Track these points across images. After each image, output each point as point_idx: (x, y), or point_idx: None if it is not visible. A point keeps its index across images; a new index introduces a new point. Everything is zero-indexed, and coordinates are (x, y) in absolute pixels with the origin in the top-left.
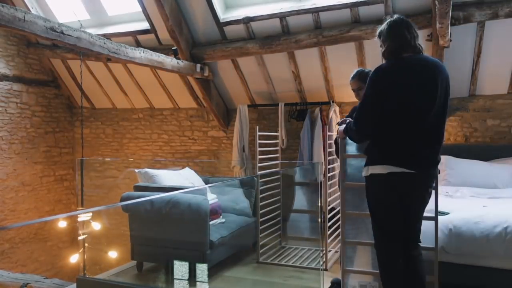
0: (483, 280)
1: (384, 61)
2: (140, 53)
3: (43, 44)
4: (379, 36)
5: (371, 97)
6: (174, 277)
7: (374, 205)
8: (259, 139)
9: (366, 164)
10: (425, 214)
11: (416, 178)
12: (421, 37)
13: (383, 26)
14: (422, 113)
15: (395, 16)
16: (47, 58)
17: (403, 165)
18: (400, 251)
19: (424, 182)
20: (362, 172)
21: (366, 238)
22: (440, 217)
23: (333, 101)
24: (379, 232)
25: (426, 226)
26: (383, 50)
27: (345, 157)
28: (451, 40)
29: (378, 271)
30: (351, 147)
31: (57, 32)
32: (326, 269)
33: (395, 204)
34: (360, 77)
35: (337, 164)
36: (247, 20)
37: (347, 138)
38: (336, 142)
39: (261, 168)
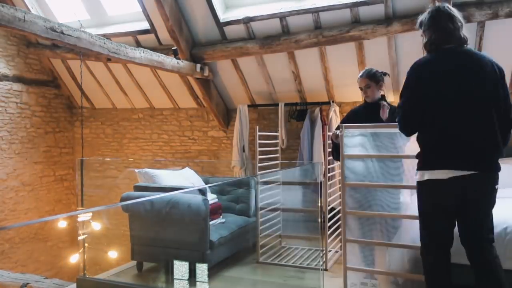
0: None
1: (425, 53)
2: (140, 53)
3: (43, 44)
4: (420, 25)
5: (407, 96)
6: (174, 277)
7: (428, 212)
8: (259, 139)
9: (420, 168)
10: None
11: (480, 178)
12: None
13: (424, 15)
14: (471, 108)
15: (438, 4)
16: (47, 58)
17: (464, 167)
18: (448, 259)
19: (488, 182)
20: (416, 176)
21: (380, 237)
22: None
23: (333, 101)
24: (431, 242)
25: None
26: (424, 41)
27: (345, 157)
28: None
29: (378, 269)
30: (351, 149)
31: (57, 32)
32: (326, 269)
33: (453, 210)
34: (368, 75)
35: (337, 164)
36: (247, 20)
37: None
38: (333, 143)
39: (261, 168)
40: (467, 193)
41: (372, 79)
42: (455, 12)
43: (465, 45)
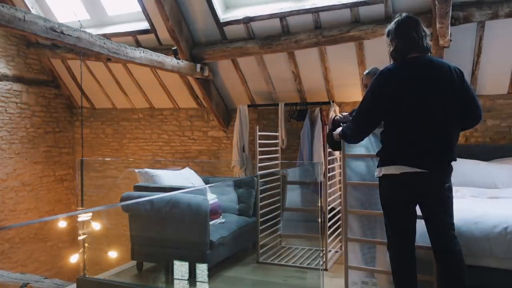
0: (483, 280)
1: (391, 61)
2: (140, 53)
3: (43, 44)
4: (388, 35)
5: (369, 100)
6: (174, 277)
7: (388, 205)
8: (259, 139)
9: (379, 165)
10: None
11: (429, 177)
12: None
13: (391, 25)
14: (428, 113)
15: (404, 14)
16: (47, 58)
17: (415, 165)
18: (413, 252)
19: (438, 180)
20: (375, 173)
21: (381, 237)
22: None
23: (333, 101)
24: (392, 232)
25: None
26: (390, 49)
27: (346, 156)
28: (451, 40)
29: (379, 269)
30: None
31: (57, 32)
32: (326, 269)
33: (409, 204)
34: (376, 73)
35: (337, 164)
36: (247, 20)
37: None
38: (332, 127)
39: (261, 168)
40: (418, 190)
41: None
42: (420, 22)
43: (429, 54)
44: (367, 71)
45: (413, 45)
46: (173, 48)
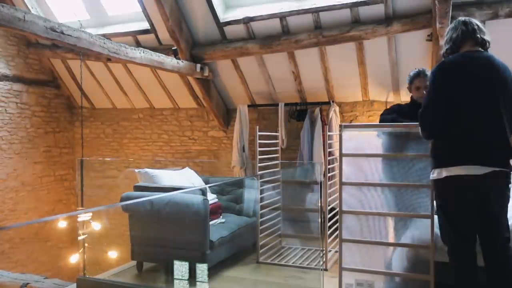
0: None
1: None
2: (140, 53)
3: (43, 44)
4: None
5: (433, 94)
6: (174, 277)
7: (452, 210)
8: (259, 139)
9: (437, 166)
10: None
11: (497, 176)
12: (422, 37)
13: (448, 28)
14: (486, 112)
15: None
16: (47, 58)
17: (479, 163)
18: (475, 253)
19: (506, 179)
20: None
21: (368, 236)
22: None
23: (333, 101)
24: (456, 238)
25: (423, 225)
26: (446, 47)
27: (343, 156)
28: None
29: (375, 269)
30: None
31: (57, 32)
32: (326, 269)
33: (474, 206)
34: (427, 75)
35: (337, 164)
36: (247, 20)
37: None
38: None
39: (261, 168)
40: (484, 189)
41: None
42: (477, 21)
43: (485, 49)
44: (419, 72)
45: (468, 36)
46: (173, 48)
